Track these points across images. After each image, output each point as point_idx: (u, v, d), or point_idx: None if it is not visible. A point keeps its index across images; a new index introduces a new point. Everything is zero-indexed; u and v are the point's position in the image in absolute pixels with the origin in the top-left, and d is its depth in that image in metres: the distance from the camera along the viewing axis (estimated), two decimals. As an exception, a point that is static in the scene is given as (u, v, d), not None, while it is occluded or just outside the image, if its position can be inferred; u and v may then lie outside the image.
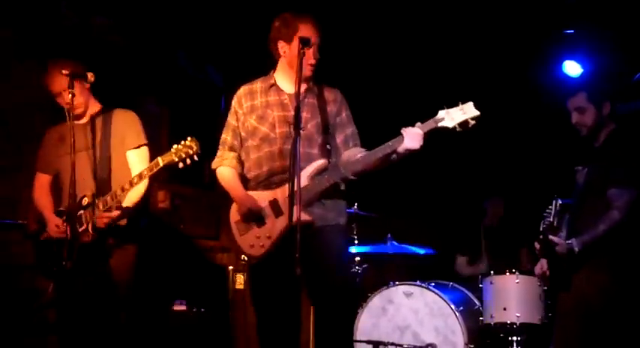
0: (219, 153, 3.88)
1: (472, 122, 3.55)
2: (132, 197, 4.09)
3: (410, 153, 3.55)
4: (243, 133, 3.81)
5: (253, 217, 3.67)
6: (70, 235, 3.90)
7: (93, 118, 4.26)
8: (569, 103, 4.16)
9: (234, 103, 3.86)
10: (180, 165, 3.85)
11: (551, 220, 3.90)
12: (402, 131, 3.54)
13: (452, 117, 3.55)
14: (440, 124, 3.56)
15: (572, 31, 6.05)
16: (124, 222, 4.08)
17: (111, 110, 4.30)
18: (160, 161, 3.88)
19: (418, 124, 3.56)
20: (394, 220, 6.23)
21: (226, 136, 3.86)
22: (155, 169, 3.90)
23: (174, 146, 3.85)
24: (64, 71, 3.97)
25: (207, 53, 6.46)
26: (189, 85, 6.43)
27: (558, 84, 6.10)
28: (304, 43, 3.51)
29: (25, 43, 5.26)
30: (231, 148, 3.85)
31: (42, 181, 4.34)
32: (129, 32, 5.85)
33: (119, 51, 5.25)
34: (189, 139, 3.86)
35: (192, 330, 5.43)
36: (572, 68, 6.19)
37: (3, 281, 4.90)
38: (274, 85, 3.80)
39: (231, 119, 3.86)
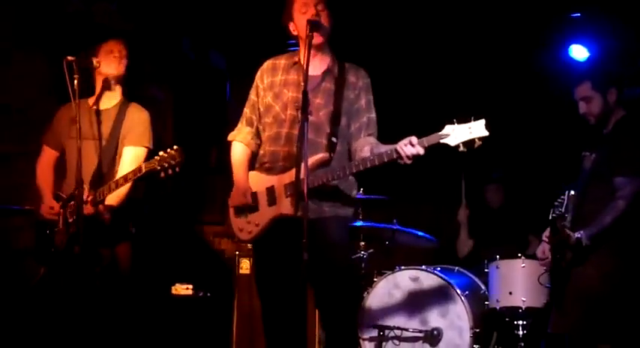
0: (239, 125, 3.87)
1: (478, 142, 3.39)
2: (115, 196, 4.05)
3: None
4: (261, 108, 3.79)
5: (247, 203, 3.66)
6: (73, 221, 3.93)
7: (107, 109, 4.25)
8: (575, 93, 4.14)
9: (256, 77, 3.84)
10: (162, 174, 3.82)
11: (563, 211, 3.85)
12: (398, 148, 3.39)
13: (457, 135, 3.39)
14: (442, 141, 3.41)
15: (578, 14, 6.01)
16: (107, 218, 4.03)
17: (128, 103, 4.27)
18: (143, 167, 3.86)
19: (414, 139, 3.39)
20: (400, 205, 6.22)
21: (246, 110, 3.86)
22: (138, 175, 3.89)
23: (160, 153, 3.82)
24: (69, 57, 3.96)
25: (211, 39, 6.44)
26: (193, 71, 6.42)
27: (565, 68, 6.06)
28: (312, 25, 3.46)
29: (27, 30, 5.25)
30: (249, 123, 3.83)
31: (48, 156, 4.34)
32: (132, 18, 5.83)
33: (123, 37, 5.20)
34: (175, 147, 3.82)
35: (196, 315, 5.46)
36: (579, 52, 6.16)
37: (8, 266, 4.92)
38: (297, 62, 3.74)
39: (252, 93, 3.85)
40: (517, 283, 5.10)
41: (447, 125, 3.43)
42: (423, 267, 5.30)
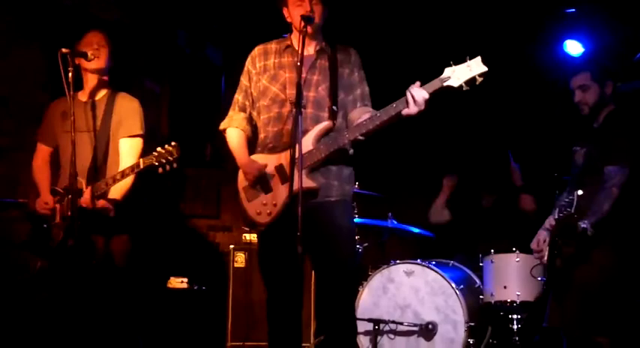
0: (229, 113, 3.86)
1: (479, 79, 3.43)
2: (119, 190, 4.08)
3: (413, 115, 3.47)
4: (254, 93, 3.79)
5: (259, 183, 3.65)
6: (68, 215, 3.93)
7: (97, 100, 4.25)
8: (573, 81, 4.16)
9: (247, 62, 3.84)
10: (160, 170, 3.87)
11: (572, 211, 3.87)
12: (407, 94, 3.44)
13: (458, 75, 3.43)
14: (446, 84, 3.44)
15: (573, 9, 6.02)
16: (112, 213, 4.05)
17: (116, 93, 4.28)
18: (141, 163, 3.91)
19: (418, 83, 3.44)
20: (395, 200, 6.22)
21: (238, 96, 3.85)
22: (136, 170, 3.93)
23: (158, 149, 3.87)
24: (64, 50, 3.95)
25: (206, 32, 6.44)
26: (189, 64, 6.42)
27: (559, 63, 6.07)
28: (306, 20, 3.49)
29: (23, 22, 5.24)
30: (242, 109, 3.83)
31: (43, 153, 4.36)
32: (128, 11, 5.83)
33: (118, 30, 5.22)
34: (172, 144, 3.86)
35: (192, 308, 5.46)
36: (574, 47, 6.17)
37: (3, 258, 4.93)
38: (290, 46, 3.77)
39: (243, 79, 3.84)
40: (512, 277, 5.11)
41: (446, 68, 3.46)
42: (418, 261, 5.31)
